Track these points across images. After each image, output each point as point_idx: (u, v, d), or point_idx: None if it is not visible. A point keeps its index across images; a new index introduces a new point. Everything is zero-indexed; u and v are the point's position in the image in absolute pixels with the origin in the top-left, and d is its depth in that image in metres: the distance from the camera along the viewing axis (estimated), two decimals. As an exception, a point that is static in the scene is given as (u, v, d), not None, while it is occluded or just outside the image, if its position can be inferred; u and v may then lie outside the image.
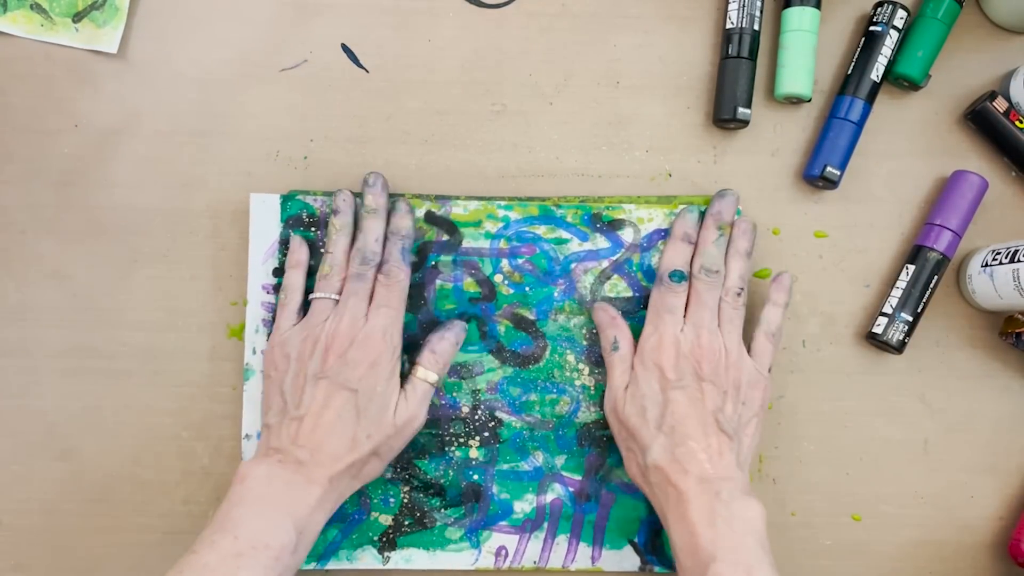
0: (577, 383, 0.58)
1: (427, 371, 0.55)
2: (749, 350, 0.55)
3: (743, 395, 0.54)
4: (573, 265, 0.58)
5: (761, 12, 0.59)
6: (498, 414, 0.58)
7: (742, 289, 0.56)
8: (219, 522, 0.49)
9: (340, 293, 0.55)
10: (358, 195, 0.57)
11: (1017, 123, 0.58)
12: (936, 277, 0.58)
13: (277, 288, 0.58)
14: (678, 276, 0.55)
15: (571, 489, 0.58)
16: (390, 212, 0.57)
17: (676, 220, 0.57)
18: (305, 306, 0.56)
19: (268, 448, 0.52)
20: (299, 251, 0.57)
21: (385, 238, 0.56)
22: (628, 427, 0.54)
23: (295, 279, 0.56)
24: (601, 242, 0.58)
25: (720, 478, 0.51)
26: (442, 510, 0.58)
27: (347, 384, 0.52)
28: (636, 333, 0.58)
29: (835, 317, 0.60)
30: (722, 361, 0.53)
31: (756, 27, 0.59)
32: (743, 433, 0.53)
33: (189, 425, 0.59)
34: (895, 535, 0.59)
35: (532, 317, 0.58)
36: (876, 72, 0.58)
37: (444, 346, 0.56)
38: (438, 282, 0.58)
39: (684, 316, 0.55)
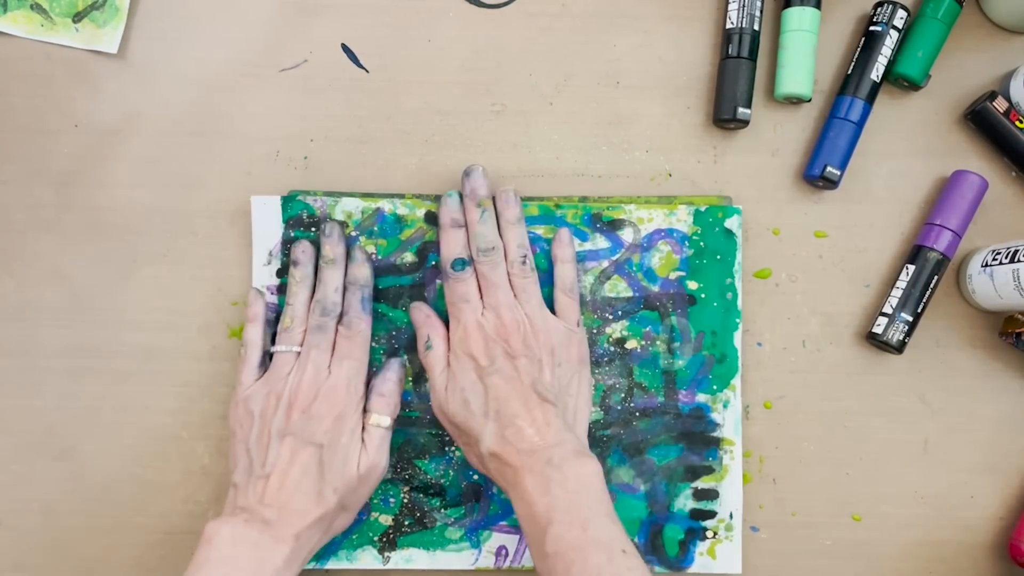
0: (577, 383, 0.58)
1: (380, 416, 0.55)
2: (554, 312, 0.56)
3: (558, 357, 0.54)
4: (573, 265, 0.58)
5: (761, 12, 0.59)
6: (498, 414, 0.58)
7: (525, 256, 0.56)
8: None
9: (302, 345, 0.55)
10: (318, 248, 0.57)
11: (1017, 123, 0.58)
12: (936, 277, 0.58)
13: (280, 289, 0.58)
14: (460, 264, 0.55)
15: (571, 489, 0.58)
16: (347, 261, 0.56)
17: (440, 209, 0.57)
18: (267, 358, 0.56)
19: (235, 507, 0.52)
20: (256, 304, 0.57)
21: (344, 288, 0.56)
22: (456, 422, 0.54)
23: (254, 334, 0.56)
24: (601, 242, 0.58)
25: (549, 445, 0.51)
26: (442, 510, 0.58)
27: (312, 439, 0.52)
28: (633, 332, 0.58)
29: (835, 317, 0.60)
30: (528, 331, 0.54)
31: (756, 27, 0.59)
32: (566, 394, 0.54)
33: (189, 425, 0.59)
34: (895, 535, 0.59)
35: (532, 317, 0.58)
36: (876, 72, 0.58)
37: (389, 387, 0.56)
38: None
39: (481, 300, 0.55)
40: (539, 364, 0.53)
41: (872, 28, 0.59)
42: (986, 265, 0.57)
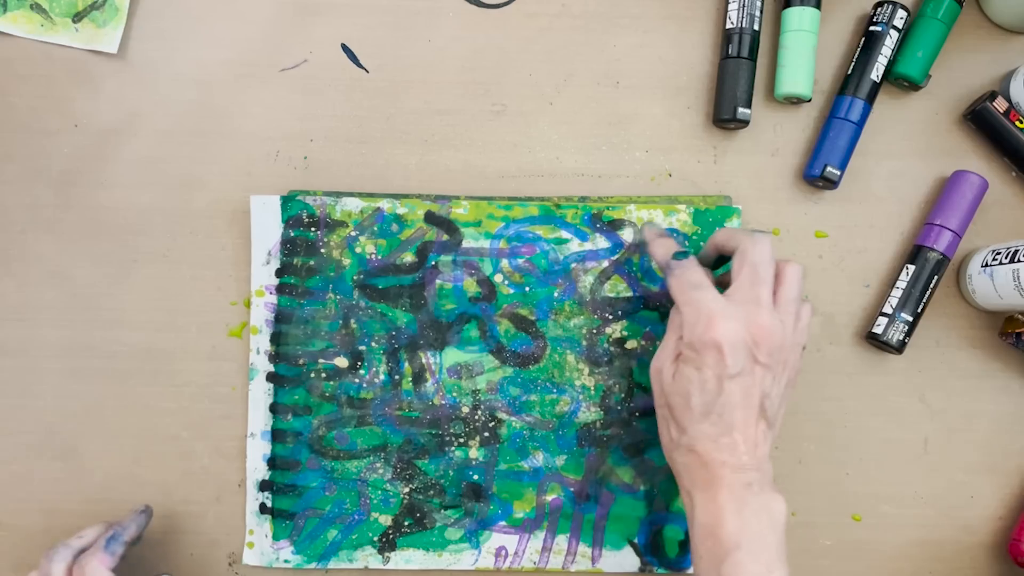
0: (577, 383, 0.58)
1: None
2: None
3: (787, 375, 0.51)
4: (573, 265, 0.58)
5: (761, 12, 0.59)
6: (498, 414, 0.58)
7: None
8: None
9: None
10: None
11: (1017, 123, 0.58)
12: (936, 277, 0.58)
13: (280, 289, 0.58)
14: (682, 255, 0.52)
15: (571, 489, 0.58)
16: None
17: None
18: None
19: None
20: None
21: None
22: (669, 404, 0.51)
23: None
24: (601, 242, 0.58)
25: (753, 468, 0.49)
26: (442, 510, 0.58)
27: None
28: (633, 332, 0.58)
29: (835, 317, 0.60)
30: (778, 341, 0.49)
31: (756, 27, 0.59)
32: (779, 416, 0.51)
33: (189, 425, 0.59)
34: (895, 535, 0.59)
35: (532, 317, 0.58)
36: (876, 72, 0.58)
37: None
38: (438, 282, 0.58)
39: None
40: (773, 378, 0.49)
41: (872, 28, 0.59)
42: (986, 265, 0.57)
